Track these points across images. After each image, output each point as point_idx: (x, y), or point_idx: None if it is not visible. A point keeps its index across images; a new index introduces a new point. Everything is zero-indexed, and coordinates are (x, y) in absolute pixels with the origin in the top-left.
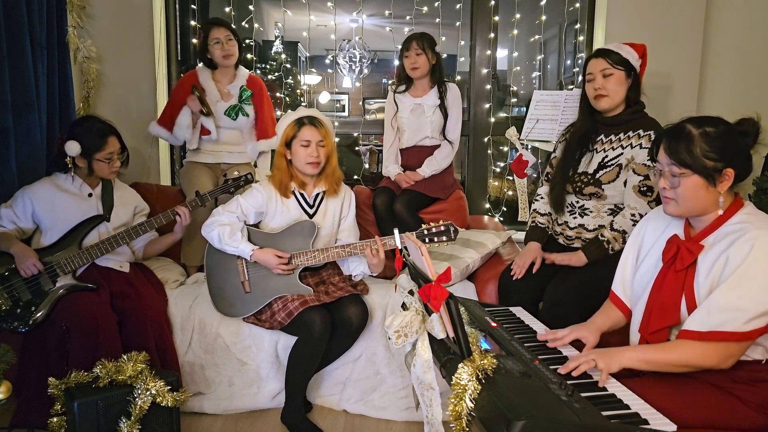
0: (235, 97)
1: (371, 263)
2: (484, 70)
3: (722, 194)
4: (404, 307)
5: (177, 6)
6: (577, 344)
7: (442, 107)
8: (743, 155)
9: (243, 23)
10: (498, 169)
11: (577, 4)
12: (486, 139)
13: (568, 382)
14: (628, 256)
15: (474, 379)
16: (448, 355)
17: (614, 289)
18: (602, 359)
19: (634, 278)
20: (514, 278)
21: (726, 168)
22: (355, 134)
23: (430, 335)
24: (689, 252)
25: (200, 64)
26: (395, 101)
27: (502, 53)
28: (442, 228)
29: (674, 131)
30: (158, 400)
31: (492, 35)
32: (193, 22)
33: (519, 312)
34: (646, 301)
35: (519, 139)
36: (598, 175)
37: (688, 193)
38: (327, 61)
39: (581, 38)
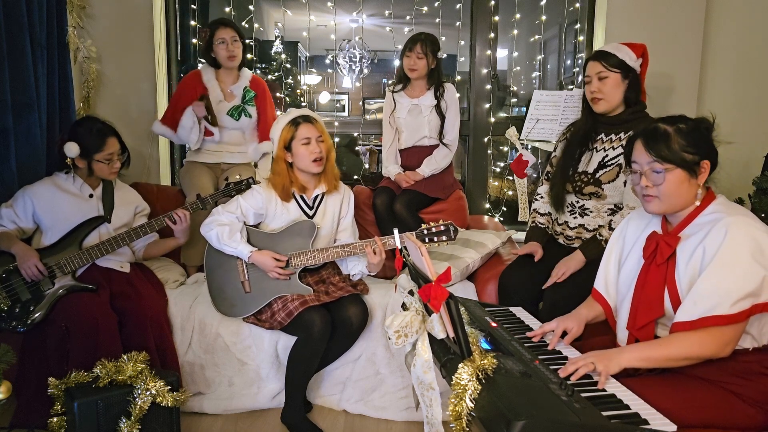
0: (238, 97)
1: (372, 262)
2: (484, 70)
3: (700, 186)
4: (404, 307)
5: (177, 6)
6: (574, 343)
7: (439, 108)
8: (713, 148)
9: (243, 23)
10: (498, 169)
11: (577, 4)
12: (486, 139)
13: (568, 382)
14: (610, 255)
15: (474, 379)
16: (448, 355)
17: (596, 287)
18: (601, 361)
19: (618, 278)
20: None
21: (702, 160)
22: (355, 134)
23: (430, 335)
24: (667, 245)
25: (201, 64)
26: (393, 99)
27: (502, 53)
28: (442, 228)
29: (650, 131)
30: (158, 400)
31: (492, 35)
32: (193, 22)
33: (519, 312)
34: (631, 299)
35: (519, 139)
36: (598, 175)
37: (672, 188)
38: (327, 61)
39: (581, 38)
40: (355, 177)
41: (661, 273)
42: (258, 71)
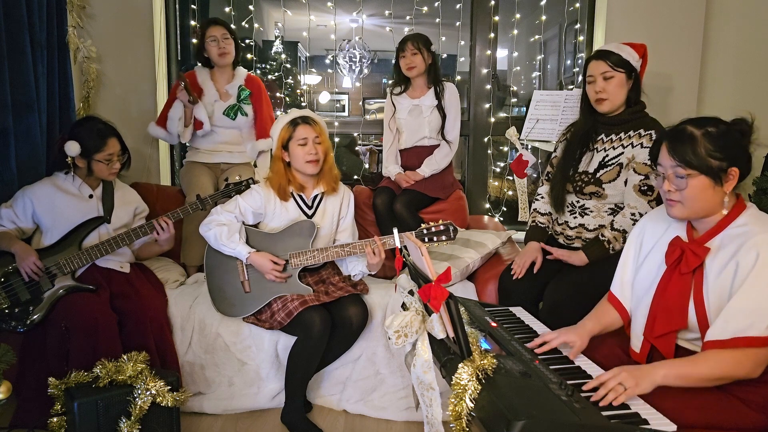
0: (233, 97)
1: (372, 263)
2: (484, 70)
3: (727, 194)
4: (404, 307)
5: (177, 6)
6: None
7: (440, 107)
8: (745, 154)
9: (243, 23)
10: (498, 169)
11: (577, 4)
12: (486, 139)
13: (569, 382)
14: (628, 256)
15: (474, 379)
16: (448, 355)
17: (613, 290)
18: (632, 378)
19: (634, 280)
20: (514, 278)
21: (731, 167)
22: (355, 134)
23: (430, 335)
24: (695, 255)
25: (198, 65)
26: (393, 103)
27: (502, 53)
28: (442, 227)
29: (676, 133)
30: (158, 400)
31: (492, 35)
32: (193, 22)
33: (519, 312)
34: (649, 305)
35: (519, 139)
36: (598, 175)
37: (695, 194)
38: (327, 61)
39: (581, 38)
40: (355, 177)
41: (685, 283)
42: (258, 71)
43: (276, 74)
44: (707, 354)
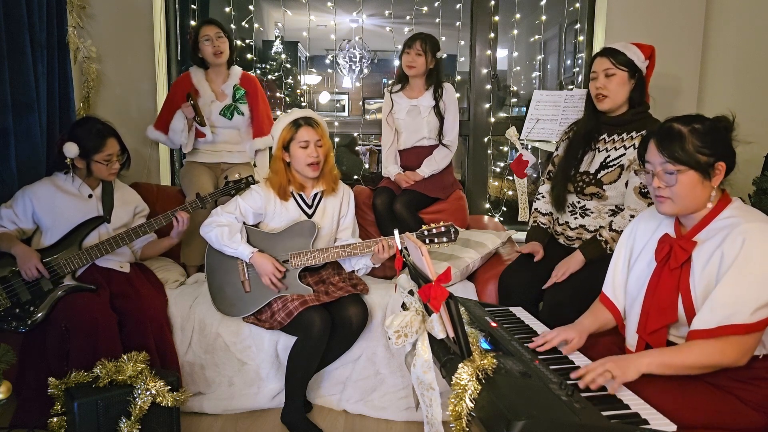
0: (229, 96)
1: (381, 257)
2: (484, 70)
3: (714, 189)
4: (404, 307)
5: (177, 6)
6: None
7: (437, 109)
8: (730, 149)
9: (243, 23)
10: (498, 169)
11: (577, 4)
12: (486, 139)
13: (568, 382)
14: (619, 257)
15: (474, 379)
16: (448, 355)
17: (605, 291)
18: (618, 367)
19: (627, 280)
20: (516, 250)
21: (718, 162)
22: (355, 134)
23: (430, 335)
24: (682, 249)
25: (193, 66)
26: (391, 100)
27: (502, 53)
28: (443, 229)
29: (664, 131)
30: (158, 400)
31: (492, 35)
32: (193, 22)
33: (519, 312)
34: (642, 303)
35: (519, 139)
36: (599, 175)
37: (685, 190)
38: (327, 61)
39: (581, 38)
40: (355, 177)
41: (674, 277)
42: (258, 71)
43: (276, 74)
44: (692, 344)
